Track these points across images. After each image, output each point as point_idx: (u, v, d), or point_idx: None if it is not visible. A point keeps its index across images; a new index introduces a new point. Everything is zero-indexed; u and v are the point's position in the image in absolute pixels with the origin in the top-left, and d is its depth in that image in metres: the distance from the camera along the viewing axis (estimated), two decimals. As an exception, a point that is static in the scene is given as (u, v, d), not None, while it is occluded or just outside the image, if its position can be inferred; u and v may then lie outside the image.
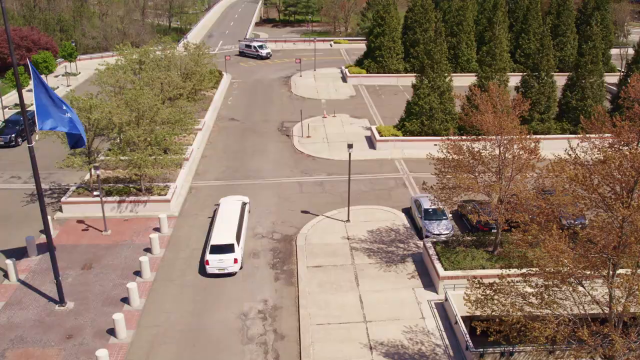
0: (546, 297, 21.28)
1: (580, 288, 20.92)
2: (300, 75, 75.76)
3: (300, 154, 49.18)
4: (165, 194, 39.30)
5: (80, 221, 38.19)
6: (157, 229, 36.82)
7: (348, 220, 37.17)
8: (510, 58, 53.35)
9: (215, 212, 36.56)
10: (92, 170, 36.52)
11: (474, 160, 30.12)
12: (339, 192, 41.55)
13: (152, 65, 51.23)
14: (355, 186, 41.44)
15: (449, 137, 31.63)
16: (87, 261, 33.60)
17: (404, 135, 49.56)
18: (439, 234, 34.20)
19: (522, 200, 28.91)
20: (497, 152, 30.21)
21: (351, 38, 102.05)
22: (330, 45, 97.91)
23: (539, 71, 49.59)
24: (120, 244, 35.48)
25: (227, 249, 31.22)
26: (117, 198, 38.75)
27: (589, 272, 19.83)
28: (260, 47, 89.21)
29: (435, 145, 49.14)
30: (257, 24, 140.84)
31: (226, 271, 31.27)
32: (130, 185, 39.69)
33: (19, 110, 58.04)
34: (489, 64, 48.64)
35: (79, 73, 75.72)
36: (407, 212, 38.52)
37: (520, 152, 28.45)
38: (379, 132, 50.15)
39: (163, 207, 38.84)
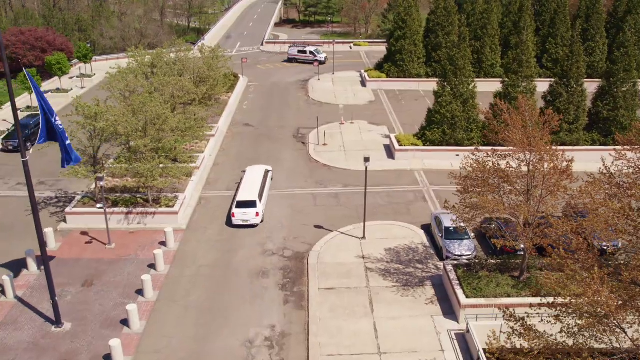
0: (581, 340, 19.09)
1: (620, 330, 18.70)
2: (318, 79, 73.81)
3: (315, 163, 47.24)
4: (173, 206, 37.64)
5: (84, 233, 36.71)
6: (164, 243, 35.16)
7: (364, 237, 35.15)
8: (536, 63, 50.76)
9: (242, 178, 41.42)
10: (96, 182, 34.85)
11: (499, 179, 27.88)
12: (354, 205, 39.52)
13: (164, 69, 49.71)
14: (372, 199, 39.37)
15: (477, 148, 29.21)
16: (89, 277, 32.03)
17: (424, 145, 47.34)
18: (460, 255, 32.01)
19: (553, 224, 26.70)
20: (525, 169, 27.92)
21: (371, 40, 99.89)
22: (350, 47, 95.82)
23: (569, 79, 46.97)
24: (124, 258, 33.88)
25: (250, 204, 36.74)
26: (123, 209, 37.20)
27: (632, 317, 17.59)
28: (317, 51, 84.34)
29: (457, 155, 47.25)
30: (276, 25, 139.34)
31: (249, 222, 36.56)
32: (138, 195, 38.12)
33: (30, 113, 56.91)
34: (515, 71, 46.19)
35: (94, 74, 74.63)
36: (426, 229, 36.36)
37: (551, 172, 26.12)
38: (398, 141, 48.00)
39: (170, 219, 37.17)
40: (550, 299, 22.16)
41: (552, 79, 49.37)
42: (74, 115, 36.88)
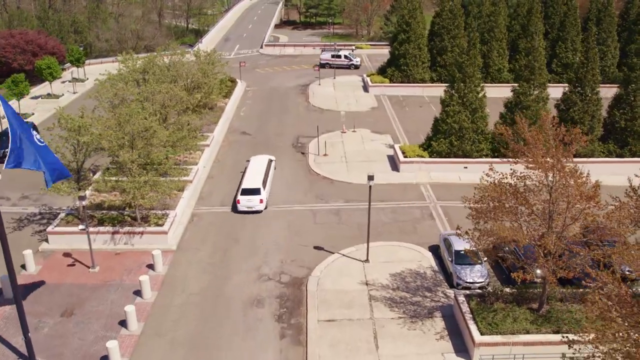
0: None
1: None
2: (319, 84, 71.25)
3: (315, 176, 44.70)
4: (163, 224, 35.11)
5: (67, 254, 34.20)
6: (152, 266, 32.65)
7: (367, 261, 32.60)
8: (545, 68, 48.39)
9: (246, 167, 42.94)
10: (78, 202, 32.32)
11: (517, 202, 25.30)
12: (357, 223, 36.98)
13: (157, 75, 47.19)
14: (376, 216, 36.79)
15: (491, 167, 26.58)
16: (69, 306, 29.52)
17: (430, 157, 44.79)
18: (472, 283, 29.47)
19: (577, 254, 24.20)
20: (545, 190, 25.34)
21: (373, 43, 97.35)
22: (352, 50, 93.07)
23: (583, 87, 44.42)
24: (108, 284, 31.36)
25: (254, 191, 38.26)
26: (109, 229, 34.67)
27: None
28: (352, 55, 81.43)
29: (465, 167, 44.73)
30: (276, 26, 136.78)
31: (253, 209, 38.19)
32: (125, 212, 35.54)
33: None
34: (527, 79, 43.60)
35: (87, 79, 72.12)
36: (434, 251, 33.80)
37: (577, 197, 23.54)
38: (403, 152, 45.44)
39: (159, 239, 34.64)
40: (573, 336, 19.81)
41: (560, 84, 46.86)
42: (57, 128, 34.37)
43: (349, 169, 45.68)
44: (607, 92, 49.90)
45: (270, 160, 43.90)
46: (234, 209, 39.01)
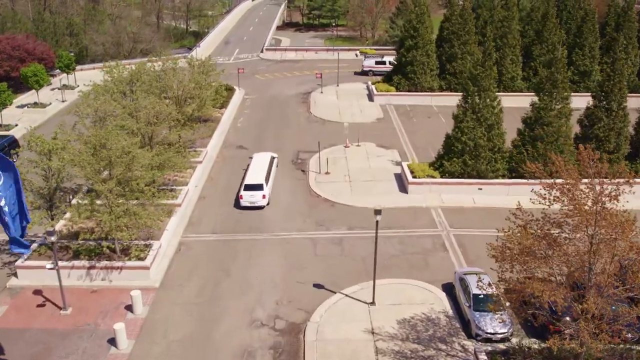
0: None
1: None
2: (321, 92, 67.55)
3: (316, 198, 41.00)
4: (145, 258, 31.46)
5: (37, 292, 30.63)
6: (131, 307, 29.00)
7: (373, 303, 28.88)
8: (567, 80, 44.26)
9: (248, 164, 43.29)
10: (47, 237, 28.71)
11: (549, 249, 21.57)
12: (361, 256, 33.28)
13: (145, 86, 43.62)
14: (382, 247, 33.07)
15: (519, 207, 22.82)
16: (34, 357, 25.90)
17: (442, 177, 41.03)
18: (494, 334, 25.74)
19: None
20: (579, 235, 21.57)
21: (378, 47, 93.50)
22: (356, 55, 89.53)
23: (609, 101, 40.63)
24: (80, 329, 27.77)
25: (257, 187, 38.91)
26: (84, 263, 31.07)
27: None
28: None
29: (480, 189, 40.99)
30: (279, 28, 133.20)
31: (256, 204, 38.68)
32: (104, 243, 31.76)
33: (-3, 134, 50.88)
34: (548, 92, 39.80)
35: (78, 86, 68.43)
36: (449, 290, 30.05)
37: (625, 250, 19.78)
38: (412, 172, 41.70)
39: (141, 275, 31.03)
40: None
41: (578, 94, 43.02)
42: (26, 151, 30.80)
43: (352, 189, 41.97)
44: (628, 102, 46.06)
45: (273, 157, 44.30)
46: (237, 204, 39.36)
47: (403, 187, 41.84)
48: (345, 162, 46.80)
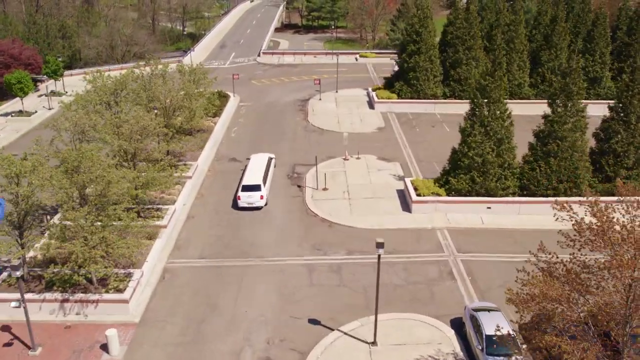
0: None
1: None
2: (320, 99, 64.78)
3: (313, 217, 38.20)
4: (124, 290, 28.67)
5: (5, 327, 27.85)
6: (106, 347, 26.22)
7: (374, 343, 26.07)
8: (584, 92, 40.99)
9: (246, 165, 43.31)
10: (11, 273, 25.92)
11: (577, 292, 18.80)
12: (362, 285, 30.48)
13: (130, 96, 40.91)
14: (385, 275, 30.27)
15: (543, 249, 20.02)
16: (-6, 408, 23.14)
17: (448, 195, 38.23)
18: (510, 382, 22.94)
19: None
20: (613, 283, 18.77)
21: (379, 51, 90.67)
22: (356, 59, 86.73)
23: (628, 114, 37.85)
24: (49, 373, 24.98)
25: (255, 188, 38.83)
26: (57, 296, 28.28)
27: None
28: None
29: (489, 208, 38.19)
30: (277, 30, 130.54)
31: (253, 205, 38.57)
32: (81, 272, 28.90)
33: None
34: (563, 104, 37.00)
35: (66, 92, 65.70)
36: (457, 327, 27.24)
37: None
38: (416, 189, 38.88)
39: (119, 309, 28.25)
40: None
41: (587, 101, 40.12)
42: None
43: (352, 208, 39.18)
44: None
45: (270, 158, 44.51)
46: (235, 205, 39.21)
47: (406, 206, 39.04)
48: (345, 177, 44.01)
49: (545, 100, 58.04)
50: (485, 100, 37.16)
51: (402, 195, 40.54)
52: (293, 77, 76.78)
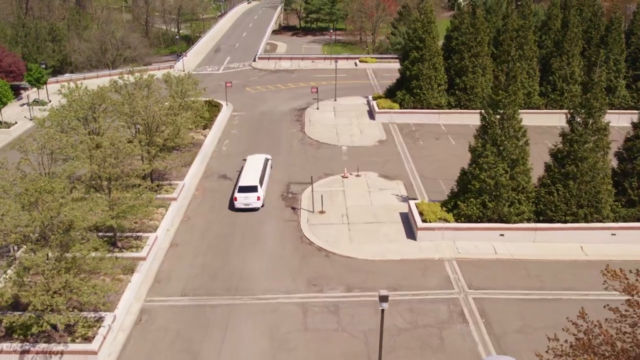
0: None
1: None
2: (317, 108, 61.40)
3: (308, 245, 34.79)
4: (92, 338, 25.25)
5: (-44, 383, 24.44)
6: (70, 409, 22.83)
7: (377, 405, 22.71)
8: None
9: (242, 166, 42.49)
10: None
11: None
12: (362, 329, 27.11)
13: (109, 111, 37.50)
14: (388, 317, 26.78)
15: (582, 313, 16.68)
16: None
17: (456, 221, 34.82)
18: None
19: None
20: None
21: (379, 56, 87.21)
22: (355, 64, 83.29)
23: (654, 131, 34.51)
24: None
25: (251, 189, 38.30)
26: (15, 347, 24.87)
27: None
28: None
29: (502, 235, 34.83)
30: (275, 32, 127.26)
31: (250, 206, 38.09)
32: (41, 322, 25.37)
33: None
34: (584, 122, 33.58)
35: (50, 101, 62.24)
36: (472, 384, 23.89)
37: None
38: (421, 214, 35.48)
39: (86, 362, 24.83)
40: None
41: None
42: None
43: (351, 234, 35.79)
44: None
45: (267, 159, 43.86)
46: (231, 206, 38.86)
47: (411, 232, 35.65)
48: (344, 198, 40.63)
49: (557, 110, 55.57)
50: (498, 117, 33.76)
51: (406, 220, 37.16)
52: (289, 83, 73.35)
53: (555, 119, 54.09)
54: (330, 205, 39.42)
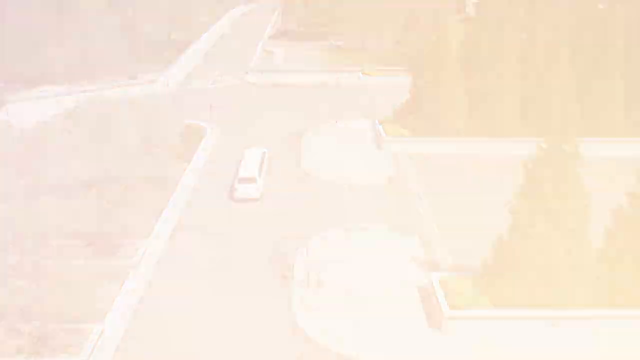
0: None
1: None
2: (316, 133, 53.41)
3: (302, 343, 26.52)
4: None
5: None
6: None
7: None
8: None
9: (240, 160, 43.16)
10: None
11: None
12: None
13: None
14: None
15: None
16: None
17: (495, 306, 26.57)
18: None
19: None
20: None
21: (385, 67, 78.83)
22: (359, 78, 75.25)
23: None
24: None
25: (250, 180, 40.35)
26: None
27: None
28: None
29: (553, 325, 26.62)
30: (273, 37, 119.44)
31: (250, 197, 39.78)
32: None
33: None
34: None
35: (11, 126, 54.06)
36: None
37: None
38: (447, 295, 27.23)
39: None
40: None
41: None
42: None
43: (356, 322, 27.58)
44: None
45: (264, 152, 44.96)
46: (231, 197, 39.85)
47: (434, 320, 27.44)
48: (346, 267, 32.23)
49: None
50: (550, 174, 25.56)
51: (427, 299, 28.94)
52: (286, 101, 65.01)
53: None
54: (330, 274, 31.31)
